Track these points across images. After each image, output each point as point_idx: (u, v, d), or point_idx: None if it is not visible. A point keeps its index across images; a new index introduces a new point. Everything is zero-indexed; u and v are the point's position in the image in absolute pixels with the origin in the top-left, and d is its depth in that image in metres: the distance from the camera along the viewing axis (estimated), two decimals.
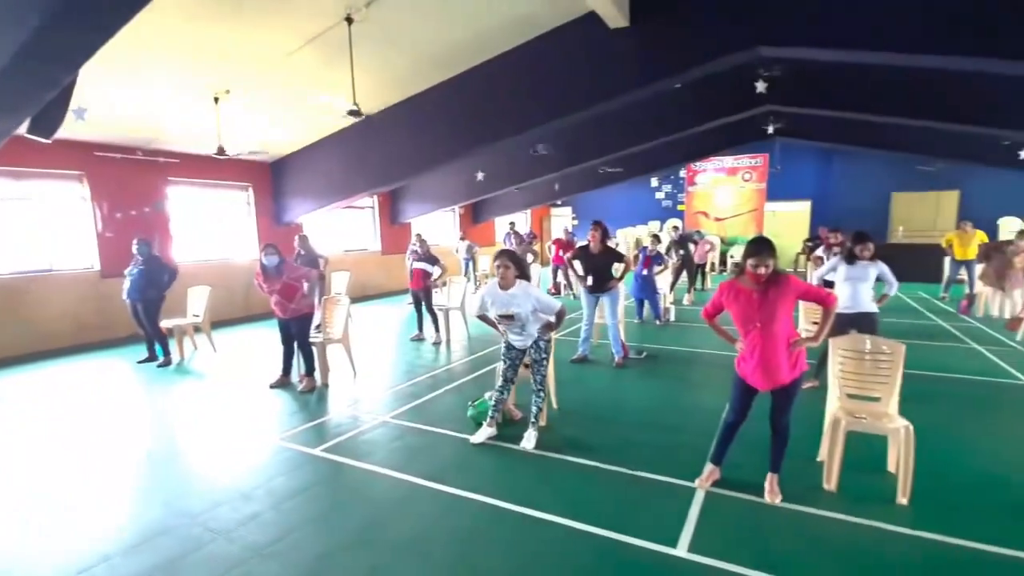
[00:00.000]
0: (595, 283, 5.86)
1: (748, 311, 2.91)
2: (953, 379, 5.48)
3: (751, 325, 2.91)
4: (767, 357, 2.89)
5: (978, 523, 2.86)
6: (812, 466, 3.42)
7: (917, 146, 11.05)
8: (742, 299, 2.94)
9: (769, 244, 2.89)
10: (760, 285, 2.89)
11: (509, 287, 3.77)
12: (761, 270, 2.83)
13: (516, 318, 3.76)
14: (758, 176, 16.26)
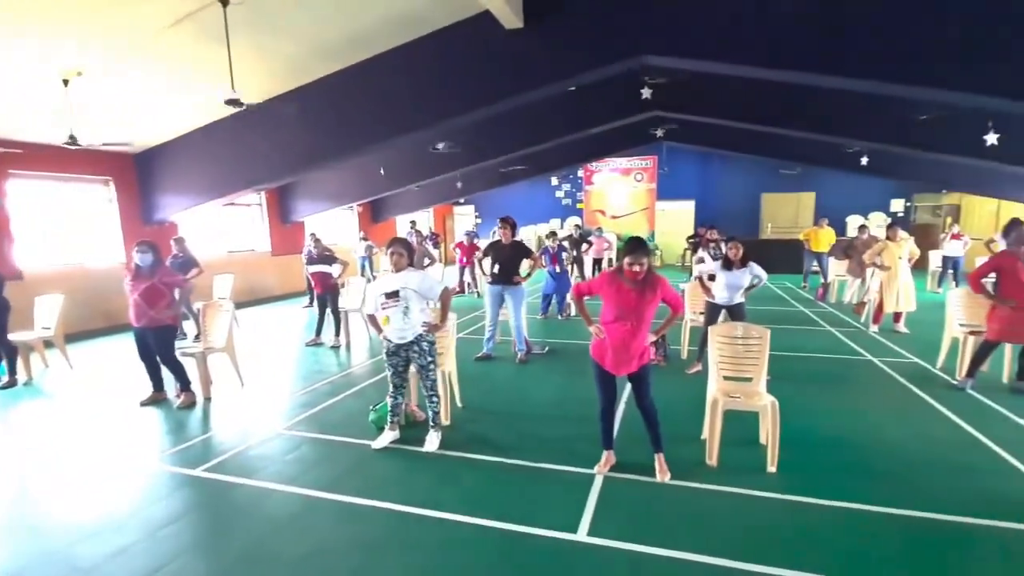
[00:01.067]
0: (502, 273, 5.92)
1: (624, 307, 3.12)
2: (811, 358, 6.20)
3: (623, 320, 3.12)
4: (627, 347, 3.13)
5: (833, 484, 3.25)
6: (697, 444, 3.69)
7: (781, 152, 12.37)
8: (621, 295, 3.14)
9: (644, 245, 3.12)
10: (637, 283, 3.09)
11: (400, 271, 3.76)
12: (636, 268, 3.04)
13: (401, 296, 3.66)
14: (649, 177, 17.34)
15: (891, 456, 3.67)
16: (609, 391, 3.35)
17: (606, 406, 3.38)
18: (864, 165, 11.24)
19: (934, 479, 3.35)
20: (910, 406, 4.65)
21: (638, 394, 3.31)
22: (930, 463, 3.57)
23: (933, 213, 15.92)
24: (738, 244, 5.08)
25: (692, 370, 5.39)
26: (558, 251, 8.26)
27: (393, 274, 3.77)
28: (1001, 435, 3.93)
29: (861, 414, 4.49)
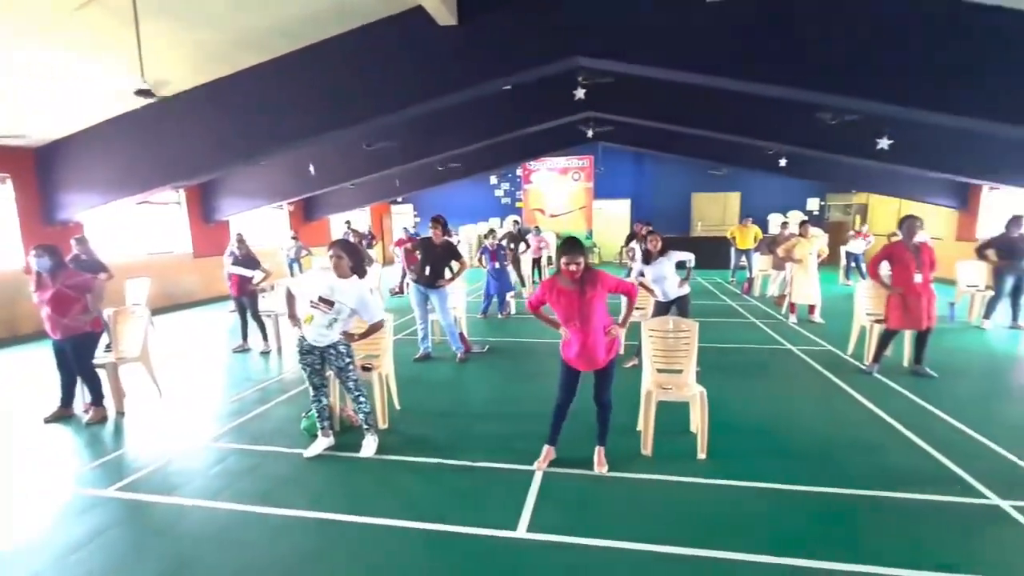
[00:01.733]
0: (431, 274, 5.82)
1: (569, 310, 3.16)
2: (738, 349, 6.54)
3: (573, 320, 3.16)
4: (587, 346, 3.18)
5: (758, 466, 3.43)
6: (633, 436, 3.80)
7: (709, 153, 12.97)
8: (563, 299, 3.18)
9: (578, 243, 3.16)
10: (576, 283, 3.13)
11: (343, 278, 3.53)
12: (573, 267, 3.07)
13: (334, 308, 3.50)
14: (586, 176, 17.72)
15: (809, 438, 3.93)
16: (570, 389, 3.36)
17: (563, 402, 3.39)
18: (782, 167, 11.97)
19: (846, 457, 3.61)
20: (825, 391, 4.99)
21: (600, 388, 3.34)
22: (842, 442, 3.85)
23: (844, 211, 17.22)
24: (656, 236, 5.30)
25: (629, 364, 5.54)
26: (497, 249, 8.26)
27: (334, 277, 3.52)
28: (902, 414, 4.30)
29: (782, 400, 4.78)
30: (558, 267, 3.19)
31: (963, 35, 4.94)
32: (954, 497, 3.07)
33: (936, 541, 2.69)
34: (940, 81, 5.06)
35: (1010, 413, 4.28)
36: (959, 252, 10.42)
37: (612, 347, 3.27)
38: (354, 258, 3.56)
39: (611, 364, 3.28)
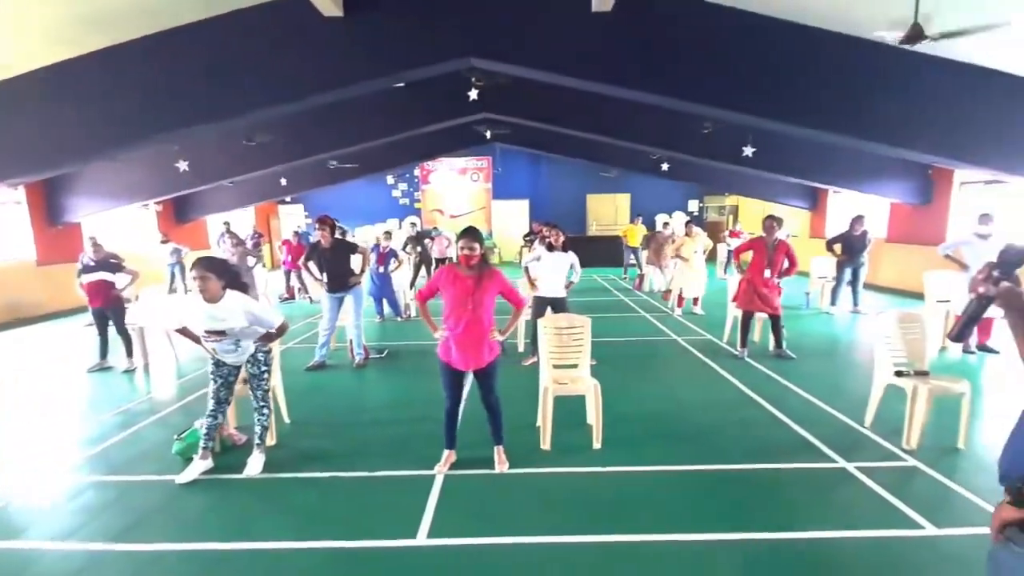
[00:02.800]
0: (333, 281, 5.54)
1: (463, 294, 3.16)
2: (629, 342, 6.92)
3: (464, 308, 3.14)
4: (471, 338, 3.18)
5: (648, 451, 3.65)
6: (532, 431, 3.87)
7: (600, 157, 13.61)
8: (458, 283, 3.17)
9: (475, 231, 3.23)
10: (473, 271, 3.16)
11: (216, 300, 3.22)
12: (467, 251, 3.12)
13: (228, 334, 3.27)
14: (484, 176, 17.84)
15: (691, 420, 4.26)
16: (456, 390, 3.36)
17: (452, 405, 3.38)
18: (665, 170, 12.88)
19: (723, 435, 3.95)
20: (704, 376, 5.44)
21: (484, 389, 3.36)
22: (720, 422, 4.21)
23: (719, 212, 18.93)
24: (559, 231, 5.46)
25: (528, 362, 5.65)
26: (388, 253, 8.01)
27: (209, 305, 3.19)
28: (768, 393, 4.80)
29: (668, 387, 5.14)
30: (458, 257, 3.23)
31: (807, 58, 5.64)
32: (810, 463, 3.47)
33: (796, 504, 3.03)
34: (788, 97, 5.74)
35: (850, 385, 4.92)
36: (811, 247, 11.87)
37: (493, 347, 3.31)
38: (224, 275, 3.24)
39: (492, 364, 3.32)
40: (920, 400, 3.56)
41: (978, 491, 3.08)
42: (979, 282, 1.28)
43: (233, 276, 3.34)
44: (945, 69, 5.79)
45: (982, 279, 1.28)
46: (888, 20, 4.67)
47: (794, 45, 5.59)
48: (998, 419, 4.25)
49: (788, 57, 5.65)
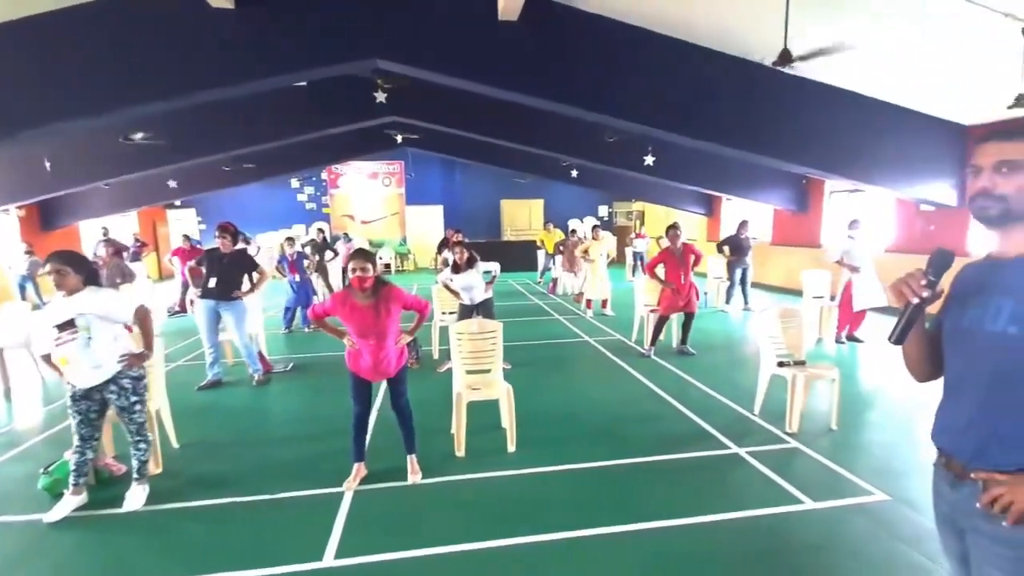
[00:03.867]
0: (220, 287, 5.13)
1: (364, 327, 3.08)
2: (544, 344, 7.06)
3: (366, 339, 3.09)
4: (381, 360, 3.15)
5: (561, 451, 3.72)
6: (447, 438, 3.81)
7: (514, 163, 13.78)
8: (356, 315, 3.08)
9: (366, 252, 3.13)
10: (369, 296, 3.07)
11: (73, 294, 2.91)
12: (359, 272, 3.00)
13: (78, 326, 2.88)
14: (397, 181, 17.47)
15: (602, 417, 4.40)
16: (364, 400, 3.27)
17: (360, 415, 3.27)
18: (574, 177, 13.32)
19: (631, 430, 4.12)
20: (614, 374, 5.66)
21: (395, 394, 3.32)
22: (628, 417, 4.40)
23: (627, 217, 19.88)
24: (463, 249, 5.46)
25: (443, 368, 5.58)
26: (298, 259, 7.64)
27: (64, 298, 2.91)
28: (672, 388, 5.08)
29: (581, 386, 5.30)
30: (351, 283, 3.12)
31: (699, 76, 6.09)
32: (708, 451, 3.71)
33: (696, 490, 3.22)
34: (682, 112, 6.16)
35: (742, 377, 5.32)
36: (708, 250, 12.75)
37: (401, 354, 3.28)
38: (82, 269, 2.96)
39: (401, 371, 3.30)
40: (799, 387, 3.93)
41: (848, 466, 3.44)
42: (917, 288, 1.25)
43: (90, 272, 3.01)
44: (814, 90, 6.48)
45: (924, 285, 1.25)
46: (764, 44, 5.16)
47: (687, 63, 6.02)
48: (864, 401, 4.81)
49: (681, 74, 6.06)
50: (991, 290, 1.24)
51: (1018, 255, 1.23)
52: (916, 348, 1.39)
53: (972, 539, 1.26)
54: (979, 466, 1.21)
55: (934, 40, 5.19)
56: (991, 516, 1.17)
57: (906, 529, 2.78)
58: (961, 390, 1.29)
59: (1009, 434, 1.18)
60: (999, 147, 1.21)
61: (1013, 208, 1.19)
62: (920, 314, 1.30)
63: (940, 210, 8.12)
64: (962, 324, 1.28)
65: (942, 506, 1.35)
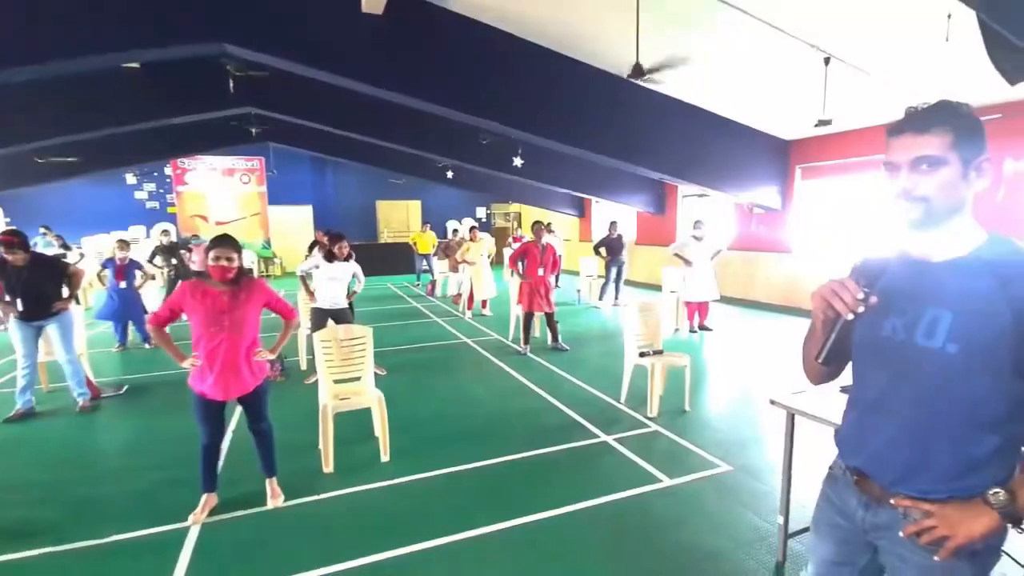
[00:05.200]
0: (30, 307, 4.31)
1: (215, 313, 2.71)
2: (422, 347, 6.92)
3: (219, 329, 2.72)
4: (230, 363, 2.77)
5: (438, 455, 3.63)
6: (314, 455, 3.55)
7: (389, 163, 13.32)
8: (208, 300, 2.72)
9: (230, 239, 2.79)
10: (229, 284, 2.74)
11: None
12: (224, 262, 2.67)
13: None
14: (257, 179, 16.04)
15: (479, 418, 4.40)
16: (214, 424, 2.87)
17: (210, 442, 2.88)
18: (450, 178, 13.27)
19: (509, 427, 4.17)
20: (491, 374, 5.70)
21: (252, 417, 2.98)
22: (506, 415, 4.44)
23: (505, 218, 20.27)
24: (343, 240, 5.10)
25: (310, 380, 5.21)
26: (128, 266, 6.65)
27: None
28: (547, 383, 5.24)
29: (459, 388, 5.25)
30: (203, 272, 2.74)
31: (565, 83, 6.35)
32: (580, 442, 3.86)
33: (568, 480, 3.32)
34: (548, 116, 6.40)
35: (611, 368, 5.63)
36: (581, 250, 13.46)
37: (259, 368, 2.92)
38: None
39: (260, 388, 2.93)
40: (657, 375, 4.25)
41: (698, 443, 3.80)
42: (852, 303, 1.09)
43: None
44: (667, 104, 7.12)
45: (860, 300, 1.08)
46: (621, 58, 5.54)
47: (554, 71, 6.26)
48: (710, 383, 5.35)
49: (548, 81, 6.30)
50: (919, 298, 1.11)
51: (945, 258, 1.10)
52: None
53: (893, 563, 1.18)
54: (902, 491, 1.12)
55: (758, 64, 5.93)
56: (919, 547, 1.08)
57: (746, 495, 3.12)
58: (883, 408, 1.16)
59: (940, 460, 1.08)
60: (914, 140, 1.07)
61: (936, 209, 1.07)
62: (849, 329, 1.16)
63: (769, 213, 9.36)
64: (882, 333, 1.15)
65: (837, 518, 1.27)
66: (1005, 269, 1.04)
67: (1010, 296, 1.01)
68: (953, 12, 3.73)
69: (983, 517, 1.03)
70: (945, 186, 1.06)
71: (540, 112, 6.36)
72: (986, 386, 1.04)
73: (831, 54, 5.31)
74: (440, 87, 5.69)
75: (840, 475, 1.28)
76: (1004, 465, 1.08)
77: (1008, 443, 1.08)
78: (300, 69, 5.28)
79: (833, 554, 1.31)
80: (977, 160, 1.08)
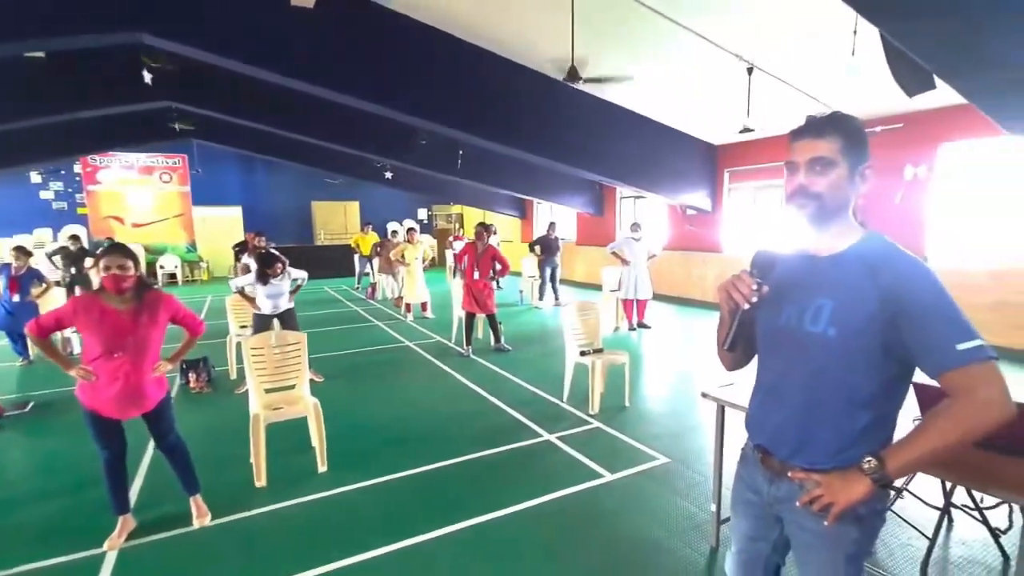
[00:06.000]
0: None
1: (116, 335, 2.48)
2: (363, 352, 6.73)
3: (120, 351, 2.49)
4: (133, 387, 2.55)
5: (379, 463, 3.54)
6: (246, 469, 3.36)
7: (324, 162, 12.87)
8: (107, 321, 2.48)
9: (123, 247, 2.58)
10: (128, 301, 2.52)
11: None
12: (116, 271, 2.45)
13: None
14: (179, 178, 15.05)
15: (422, 422, 4.33)
16: (114, 441, 2.64)
17: (111, 460, 2.65)
18: (389, 179, 13.01)
19: (452, 430, 4.12)
20: (434, 377, 5.63)
21: (158, 434, 2.76)
22: (449, 418, 4.39)
23: (446, 220, 20.10)
24: (277, 263, 4.87)
25: (241, 390, 4.94)
26: (25, 275, 6.05)
27: None
28: (490, 384, 5.23)
29: (402, 392, 5.15)
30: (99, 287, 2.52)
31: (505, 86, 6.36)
32: (523, 441, 3.87)
33: (512, 480, 3.32)
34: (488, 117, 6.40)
35: (553, 367, 5.71)
36: (523, 251, 13.53)
37: (161, 383, 2.71)
38: None
39: (162, 403, 2.71)
40: (597, 373, 4.34)
41: (637, 437, 3.91)
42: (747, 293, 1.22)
43: None
44: (604, 108, 7.30)
45: (754, 290, 1.22)
46: (558, 62, 5.62)
47: (494, 72, 6.27)
48: (648, 378, 5.52)
49: (488, 82, 6.30)
50: (809, 289, 1.23)
51: (830, 253, 1.24)
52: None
53: (793, 531, 1.30)
54: (796, 465, 1.23)
55: (688, 72, 6.19)
56: (812, 514, 1.19)
57: (680, 484, 3.24)
58: (780, 389, 1.29)
59: (825, 434, 1.20)
60: (812, 144, 1.19)
61: (828, 205, 1.19)
62: (749, 318, 1.28)
63: (700, 214, 9.79)
64: (779, 322, 1.28)
65: (749, 494, 1.38)
66: (874, 260, 1.17)
67: (878, 284, 1.14)
68: (859, 28, 4.03)
69: (859, 484, 1.13)
70: (834, 186, 1.18)
71: (478, 113, 6.35)
72: (861, 367, 1.17)
73: (754, 64, 5.62)
74: (374, 85, 5.56)
75: (749, 453, 1.40)
76: (879, 438, 1.21)
77: (881, 418, 1.21)
78: (227, 63, 5.00)
79: (750, 529, 1.41)
80: (861, 167, 1.21)
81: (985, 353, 1.06)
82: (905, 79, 3.57)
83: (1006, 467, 1.70)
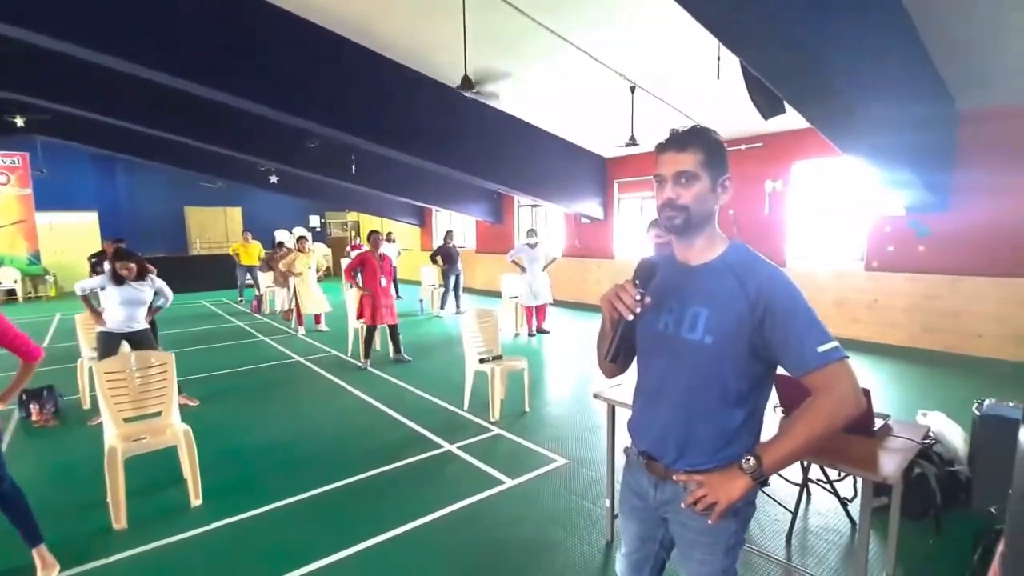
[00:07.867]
0: None
1: None
2: (248, 370, 6.21)
3: None
4: None
5: (263, 490, 3.26)
6: (103, 511, 2.94)
7: (199, 165, 11.76)
8: None
9: None
10: None
11: None
12: None
13: None
14: (20, 180, 12.99)
15: (318, 441, 4.07)
16: None
17: None
18: (274, 183, 12.21)
19: (349, 448, 3.92)
20: (329, 393, 5.33)
21: None
22: (345, 436, 4.18)
23: (342, 228, 19.26)
24: (130, 261, 4.21)
25: (95, 421, 4.30)
26: None
27: None
28: (388, 397, 5.05)
29: (291, 412, 4.81)
30: None
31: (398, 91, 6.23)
32: (423, 454, 3.78)
33: (411, 495, 3.22)
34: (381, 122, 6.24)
35: (454, 376, 5.65)
36: (423, 259, 13.32)
37: None
38: None
39: None
40: (497, 379, 4.36)
41: (536, 441, 3.98)
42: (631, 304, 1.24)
43: None
44: (500, 118, 7.42)
45: (637, 300, 1.24)
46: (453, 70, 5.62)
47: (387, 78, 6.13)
48: (547, 383, 5.65)
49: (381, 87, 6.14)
50: (685, 297, 1.28)
51: (701, 262, 1.29)
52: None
53: (677, 530, 1.36)
54: (680, 467, 1.29)
55: (577, 87, 6.48)
56: (696, 514, 1.24)
57: (577, 483, 3.34)
58: (660, 395, 1.33)
59: (703, 436, 1.26)
60: (675, 158, 1.24)
61: (694, 217, 1.25)
62: (631, 327, 1.30)
63: (594, 223, 10.26)
64: (656, 328, 1.32)
65: (635, 500, 1.43)
66: (740, 269, 1.25)
67: (745, 291, 1.21)
68: (722, 55, 4.45)
69: (739, 481, 1.21)
70: (699, 198, 1.25)
71: (371, 117, 6.16)
72: (733, 369, 1.24)
73: (636, 83, 6.01)
74: (255, 82, 5.15)
75: (634, 460, 1.43)
76: (753, 431, 1.30)
77: (753, 414, 1.29)
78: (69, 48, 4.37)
79: (639, 531, 1.46)
80: (722, 178, 1.27)
81: (840, 353, 1.16)
82: (761, 103, 3.99)
83: (850, 444, 1.95)
